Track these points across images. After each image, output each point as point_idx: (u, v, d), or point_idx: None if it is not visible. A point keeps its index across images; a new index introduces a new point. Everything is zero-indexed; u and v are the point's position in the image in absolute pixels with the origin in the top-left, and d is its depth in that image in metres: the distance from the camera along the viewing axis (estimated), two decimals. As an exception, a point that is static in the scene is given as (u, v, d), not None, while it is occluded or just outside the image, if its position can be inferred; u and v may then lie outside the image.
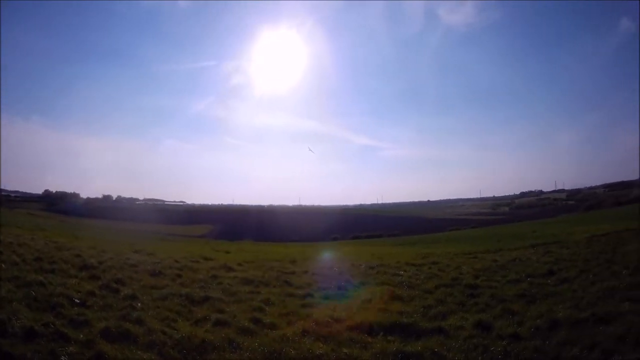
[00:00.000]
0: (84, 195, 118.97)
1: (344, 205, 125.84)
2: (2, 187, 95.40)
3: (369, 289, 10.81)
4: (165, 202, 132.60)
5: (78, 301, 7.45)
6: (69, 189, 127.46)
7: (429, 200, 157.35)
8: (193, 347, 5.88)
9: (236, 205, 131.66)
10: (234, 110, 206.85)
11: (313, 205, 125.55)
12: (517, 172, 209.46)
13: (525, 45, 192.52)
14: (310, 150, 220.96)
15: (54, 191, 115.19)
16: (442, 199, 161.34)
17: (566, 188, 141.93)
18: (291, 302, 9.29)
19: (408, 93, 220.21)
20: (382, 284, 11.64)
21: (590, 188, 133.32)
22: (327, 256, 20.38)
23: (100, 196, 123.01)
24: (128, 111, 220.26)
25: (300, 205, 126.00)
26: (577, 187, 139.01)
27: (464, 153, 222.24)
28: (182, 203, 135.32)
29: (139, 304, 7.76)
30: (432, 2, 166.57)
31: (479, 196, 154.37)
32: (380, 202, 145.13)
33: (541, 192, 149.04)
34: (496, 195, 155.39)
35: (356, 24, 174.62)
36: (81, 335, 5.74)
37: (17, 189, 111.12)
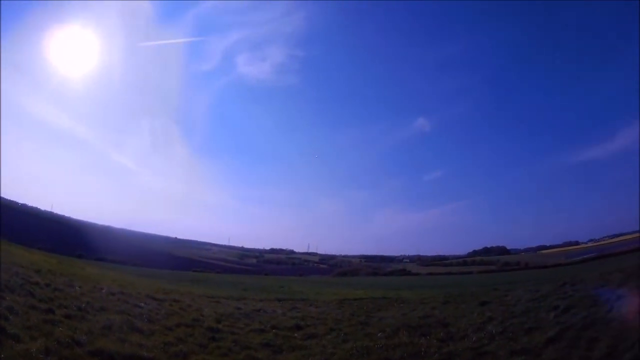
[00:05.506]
0: None
1: (92, 223, 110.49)
2: None
3: (109, 316, 10.69)
4: None
5: None
6: None
7: (176, 238, 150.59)
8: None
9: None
10: (16, 95, 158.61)
11: (63, 216, 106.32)
12: (270, 228, 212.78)
13: (312, 115, 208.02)
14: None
15: None
16: (189, 238, 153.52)
17: (319, 252, 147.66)
18: (34, 315, 8.95)
19: (181, 127, 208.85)
20: (123, 312, 11.52)
21: (345, 256, 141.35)
22: (71, 272, 19.29)
23: None
24: None
25: (52, 212, 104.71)
26: (330, 253, 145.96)
27: (221, 199, 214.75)
28: None
29: None
30: (234, 49, 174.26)
31: (227, 243, 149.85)
32: (128, 227, 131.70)
33: (292, 251, 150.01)
34: (245, 246, 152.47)
35: (158, 40, 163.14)
36: None
37: None
